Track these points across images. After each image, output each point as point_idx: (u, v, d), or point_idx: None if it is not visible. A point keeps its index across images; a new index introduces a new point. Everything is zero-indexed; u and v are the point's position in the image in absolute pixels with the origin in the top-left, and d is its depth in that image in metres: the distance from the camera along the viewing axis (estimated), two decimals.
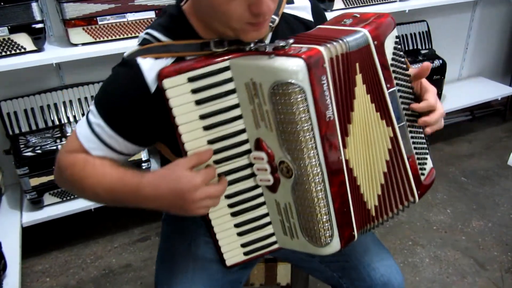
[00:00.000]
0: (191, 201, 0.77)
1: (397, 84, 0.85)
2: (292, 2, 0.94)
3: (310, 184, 0.79)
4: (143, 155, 1.89)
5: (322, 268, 1.04)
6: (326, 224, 0.82)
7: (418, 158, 0.91)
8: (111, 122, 0.81)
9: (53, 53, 1.65)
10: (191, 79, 0.76)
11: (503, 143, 2.71)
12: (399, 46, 0.86)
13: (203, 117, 0.78)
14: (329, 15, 0.97)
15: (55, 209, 1.78)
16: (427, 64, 0.89)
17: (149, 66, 0.78)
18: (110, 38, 1.72)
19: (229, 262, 0.91)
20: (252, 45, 0.78)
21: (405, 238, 1.96)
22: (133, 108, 0.80)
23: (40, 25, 1.61)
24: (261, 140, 0.81)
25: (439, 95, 2.49)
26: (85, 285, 1.77)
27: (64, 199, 1.81)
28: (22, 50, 1.62)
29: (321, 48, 0.74)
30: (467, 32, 2.80)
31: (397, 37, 0.85)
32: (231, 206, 0.86)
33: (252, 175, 0.85)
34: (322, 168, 0.78)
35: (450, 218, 2.09)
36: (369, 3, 2.13)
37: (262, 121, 0.79)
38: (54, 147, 1.71)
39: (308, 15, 0.96)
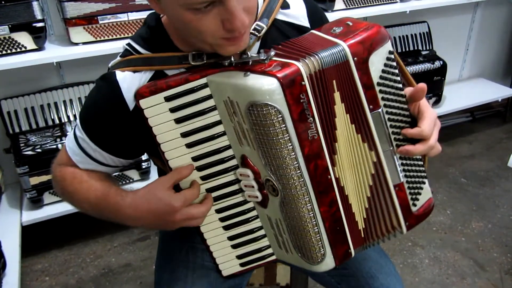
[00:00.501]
0: (171, 222, 0.77)
1: (387, 106, 0.78)
2: (288, 7, 0.89)
3: (296, 204, 0.76)
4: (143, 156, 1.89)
5: (321, 274, 1.03)
6: (318, 243, 0.79)
7: (409, 188, 0.85)
8: (93, 137, 0.81)
9: (53, 52, 1.65)
10: (167, 99, 0.74)
11: (503, 144, 2.71)
12: (393, 63, 0.77)
13: (184, 135, 0.77)
14: (330, 16, 0.95)
15: (55, 208, 1.78)
16: (422, 85, 0.79)
17: (127, 83, 0.77)
18: (110, 37, 1.72)
19: (225, 273, 0.90)
20: (232, 58, 0.74)
21: (405, 239, 1.96)
22: (113, 125, 0.80)
23: (40, 24, 1.61)
24: (246, 157, 0.78)
25: (439, 96, 2.49)
26: (85, 285, 1.77)
27: None
28: (23, 49, 1.62)
29: (299, 65, 0.70)
30: (467, 33, 2.80)
31: (390, 52, 0.76)
32: (222, 220, 0.85)
33: (241, 190, 0.82)
34: (309, 188, 0.75)
35: (450, 219, 2.09)
36: (370, 4, 2.13)
37: (244, 139, 0.76)
38: (54, 146, 1.71)
39: (304, 21, 0.90)
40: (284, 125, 0.70)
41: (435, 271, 1.80)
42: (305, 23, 0.89)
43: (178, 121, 0.76)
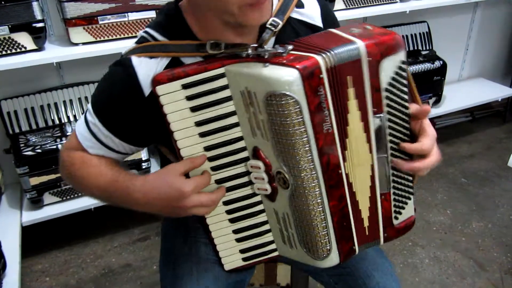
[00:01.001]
0: (181, 208, 0.76)
1: (390, 113, 0.79)
2: (302, 7, 0.90)
3: (307, 197, 0.77)
4: (143, 155, 1.89)
5: (319, 271, 1.04)
6: (324, 238, 0.80)
7: (395, 200, 0.85)
8: (106, 123, 0.81)
9: (53, 53, 1.65)
10: (185, 86, 0.74)
11: (503, 144, 2.71)
12: (403, 73, 0.77)
13: (199, 124, 0.77)
14: None
15: (55, 209, 1.78)
16: (427, 107, 0.80)
17: (144, 68, 0.77)
18: (110, 37, 1.72)
19: (227, 267, 0.91)
20: (249, 50, 0.75)
21: (405, 239, 1.96)
22: (127, 110, 0.80)
23: (40, 24, 1.61)
24: (258, 149, 0.79)
25: (439, 96, 2.49)
26: (85, 285, 1.77)
27: (64, 198, 1.81)
28: (23, 49, 1.62)
29: (318, 58, 0.71)
30: (467, 33, 2.80)
31: (403, 62, 0.77)
32: (229, 212, 0.85)
33: (251, 182, 0.83)
34: (320, 181, 0.76)
35: (450, 219, 2.09)
36: (370, 4, 2.13)
37: (258, 130, 0.76)
38: (54, 147, 1.71)
39: (318, 21, 0.91)
40: (301, 116, 0.71)
41: (435, 271, 1.80)
42: (319, 23, 0.90)
43: (194, 109, 0.76)
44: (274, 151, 0.76)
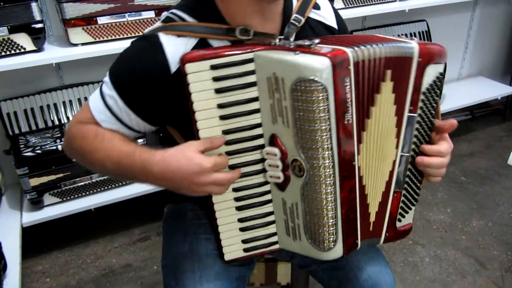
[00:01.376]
0: (197, 183, 0.76)
1: (420, 116, 0.83)
2: (319, 8, 0.94)
3: (320, 186, 0.78)
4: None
5: (315, 268, 1.04)
6: (332, 228, 0.81)
7: (403, 201, 0.88)
8: (124, 96, 0.81)
9: (52, 53, 1.65)
10: (213, 67, 0.76)
11: (503, 142, 2.71)
12: (439, 84, 0.82)
13: (221, 106, 0.78)
14: None
15: (55, 209, 1.78)
16: (454, 121, 0.84)
17: (172, 46, 0.78)
18: (109, 38, 1.72)
19: (227, 257, 0.91)
20: (277, 40, 0.78)
21: (405, 238, 1.96)
22: (149, 86, 0.80)
23: (39, 25, 1.61)
24: (276, 136, 0.80)
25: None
26: (85, 285, 1.77)
27: (64, 199, 1.81)
28: (22, 50, 1.61)
29: (347, 50, 0.74)
30: (467, 31, 2.80)
31: (441, 74, 0.82)
32: (237, 199, 0.86)
33: (263, 171, 0.84)
34: (335, 170, 0.78)
35: (450, 218, 2.09)
36: (369, 3, 2.13)
37: (280, 117, 0.78)
38: (54, 147, 1.71)
39: (333, 22, 0.96)
40: (326, 104, 0.73)
41: (436, 269, 1.80)
42: (334, 25, 0.95)
43: (218, 91, 0.77)
44: (294, 138, 0.78)
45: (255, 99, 0.79)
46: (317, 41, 0.77)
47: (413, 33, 2.50)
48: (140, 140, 1.57)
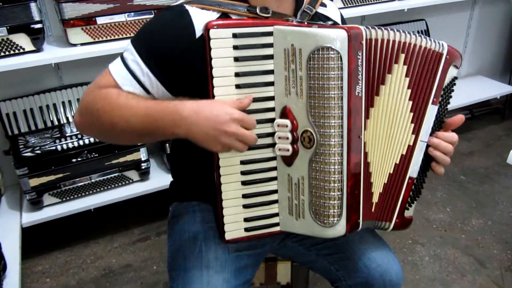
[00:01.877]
0: (225, 132, 0.77)
1: (438, 109, 0.88)
2: (325, 6, 1.00)
3: (329, 156, 0.82)
4: (143, 155, 1.89)
5: (320, 261, 1.04)
6: (337, 202, 0.83)
7: (412, 190, 0.91)
8: (148, 60, 0.83)
9: (52, 53, 1.65)
10: (235, 35, 0.80)
11: (503, 141, 2.71)
12: (454, 83, 0.91)
13: (237, 74, 0.82)
14: None
15: (55, 210, 1.77)
16: (461, 116, 0.93)
17: (197, 14, 0.83)
18: (109, 38, 1.72)
19: (228, 235, 0.91)
20: (293, 21, 0.84)
21: (405, 237, 1.96)
22: (173, 48, 0.83)
23: (39, 25, 1.61)
24: (288, 109, 0.84)
25: None
26: (85, 286, 1.77)
27: (64, 199, 1.81)
28: (21, 50, 1.61)
29: (361, 27, 0.80)
30: (466, 30, 2.80)
31: (455, 77, 0.91)
32: (243, 173, 0.87)
33: (271, 145, 0.86)
34: (344, 141, 0.81)
35: (450, 217, 2.09)
36: (368, 2, 2.13)
37: (293, 88, 0.82)
38: (54, 148, 1.71)
39: (338, 20, 1.03)
40: (340, 73, 0.78)
41: (436, 268, 1.80)
42: (339, 21, 1.03)
43: (237, 59, 0.81)
44: (306, 107, 0.81)
45: (271, 72, 0.83)
46: (330, 22, 0.86)
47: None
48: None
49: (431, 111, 0.88)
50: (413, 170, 0.89)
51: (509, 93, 2.80)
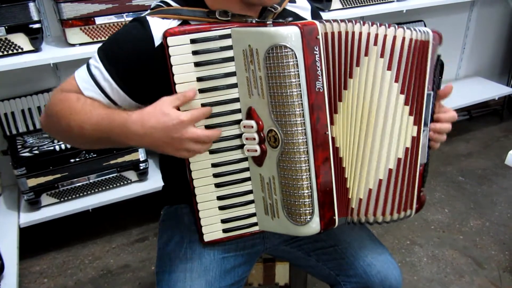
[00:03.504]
0: (178, 139, 0.76)
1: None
2: (294, 2, 0.99)
3: (295, 154, 0.81)
4: (141, 155, 1.89)
5: (320, 266, 1.04)
6: (307, 200, 0.83)
7: (423, 174, 0.91)
8: (109, 66, 0.84)
9: (50, 53, 1.65)
10: (193, 41, 0.80)
11: (501, 142, 2.71)
12: (441, 61, 0.90)
13: (200, 79, 0.82)
14: (327, 15, 0.98)
15: (53, 210, 1.77)
16: (450, 86, 0.93)
17: (156, 24, 0.84)
18: (107, 38, 1.72)
19: (207, 237, 0.91)
20: (254, 21, 0.84)
21: (403, 238, 1.97)
22: (133, 58, 0.84)
23: (37, 25, 1.61)
24: (253, 109, 0.83)
25: None
26: (83, 286, 1.76)
27: (62, 199, 1.80)
28: (20, 50, 1.61)
29: (316, 22, 0.79)
30: (464, 32, 2.81)
31: (439, 55, 0.90)
32: (216, 176, 0.87)
33: (241, 146, 0.86)
34: (308, 138, 0.80)
35: (448, 218, 2.10)
36: (366, 3, 2.13)
37: (255, 89, 0.82)
38: (52, 148, 1.71)
39: (307, 15, 1.00)
40: (297, 70, 0.77)
41: (434, 269, 1.80)
42: (308, 17, 1.00)
43: (197, 64, 0.81)
44: (268, 107, 0.81)
45: (233, 74, 0.83)
46: (290, 19, 0.83)
47: None
48: None
49: (428, 98, 0.87)
50: (423, 156, 0.89)
51: (507, 94, 2.80)
